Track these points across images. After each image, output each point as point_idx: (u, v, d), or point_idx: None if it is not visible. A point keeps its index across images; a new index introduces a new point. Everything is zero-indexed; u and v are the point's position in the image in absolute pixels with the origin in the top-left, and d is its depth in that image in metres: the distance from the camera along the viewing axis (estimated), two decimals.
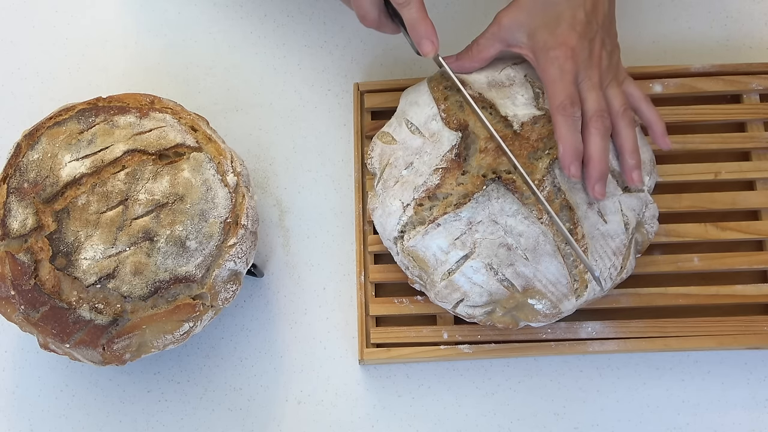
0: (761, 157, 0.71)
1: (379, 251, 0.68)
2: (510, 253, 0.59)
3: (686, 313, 0.67)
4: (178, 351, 0.69)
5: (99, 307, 0.58)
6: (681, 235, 0.68)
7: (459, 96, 0.63)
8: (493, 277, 0.59)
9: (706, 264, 0.68)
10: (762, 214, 0.69)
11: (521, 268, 0.59)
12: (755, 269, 0.68)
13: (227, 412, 0.68)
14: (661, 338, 0.66)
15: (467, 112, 0.63)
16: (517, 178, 0.60)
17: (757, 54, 0.76)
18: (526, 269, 0.59)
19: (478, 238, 0.59)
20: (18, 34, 0.81)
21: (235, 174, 0.63)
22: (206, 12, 0.80)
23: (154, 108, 0.65)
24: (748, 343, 0.65)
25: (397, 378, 0.68)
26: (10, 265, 0.59)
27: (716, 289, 0.67)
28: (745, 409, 0.66)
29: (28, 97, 0.78)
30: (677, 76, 0.72)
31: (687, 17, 0.78)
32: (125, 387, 0.69)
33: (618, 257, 0.61)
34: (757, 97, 0.72)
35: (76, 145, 0.61)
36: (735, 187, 0.70)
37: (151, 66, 0.79)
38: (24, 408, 0.68)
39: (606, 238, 0.61)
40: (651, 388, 0.67)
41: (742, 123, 0.72)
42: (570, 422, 0.67)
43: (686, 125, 0.72)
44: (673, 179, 0.70)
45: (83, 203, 0.59)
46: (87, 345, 0.59)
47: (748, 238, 0.68)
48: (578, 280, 0.61)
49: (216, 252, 0.61)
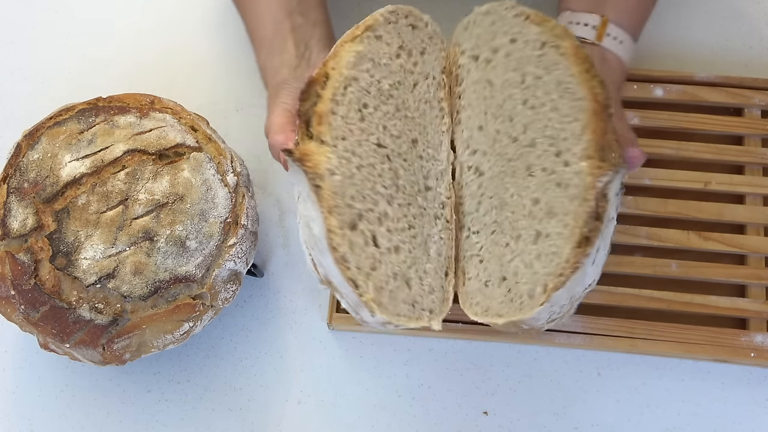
0: (754, 173, 0.71)
1: None
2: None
3: (657, 317, 0.67)
4: (178, 351, 0.69)
5: (99, 307, 0.58)
6: (662, 240, 0.68)
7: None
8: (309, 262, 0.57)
9: (684, 271, 0.68)
10: (748, 228, 0.69)
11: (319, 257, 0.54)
12: (732, 282, 0.68)
13: (227, 412, 0.68)
14: (629, 338, 0.66)
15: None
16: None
17: (756, 54, 0.76)
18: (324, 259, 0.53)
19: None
20: (18, 34, 0.81)
21: (235, 174, 0.64)
22: (206, 12, 0.80)
23: (154, 108, 0.65)
24: (716, 354, 0.65)
25: (398, 378, 0.68)
26: (10, 265, 0.59)
27: (690, 297, 0.67)
28: (745, 409, 0.66)
29: (28, 97, 0.78)
30: (680, 83, 0.72)
31: (687, 17, 0.78)
32: (125, 387, 0.68)
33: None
34: (759, 112, 0.72)
35: (76, 145, 0.61)
36: (724, 199, 0.70)
37: (151, 66, 0.79)
38: (24, 408, 0.68)
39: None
40: (651, 388, 0.67)
41: (740, 137, 0.72)
42: (570, 422, 0.67)
43: (683, 132, 0.72)
44: (661, 184, 0.70)
45: (83, 203, 0.59)
46: (87, 345, 0.59)
47: (730, 251, 0.68)
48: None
49: (216, 252, 0.61)
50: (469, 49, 0.58)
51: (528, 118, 0.54)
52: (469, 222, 0.57)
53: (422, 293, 0.54)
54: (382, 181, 0.54)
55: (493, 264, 0.55)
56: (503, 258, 0.54)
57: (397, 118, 0.56)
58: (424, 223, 0.56)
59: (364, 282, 0.51)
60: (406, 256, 0.54)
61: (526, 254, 0.52)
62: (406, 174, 0.56)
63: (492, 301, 0.54)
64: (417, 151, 0.57)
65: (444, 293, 0.56)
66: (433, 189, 0.57)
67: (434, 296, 0.55)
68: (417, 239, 0.55)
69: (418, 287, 0.54)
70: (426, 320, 0.53)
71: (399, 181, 0.55)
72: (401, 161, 0.56)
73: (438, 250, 0.56)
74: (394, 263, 0.53)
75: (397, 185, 0.55)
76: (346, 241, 0.51)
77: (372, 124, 0.55)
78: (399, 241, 0.54)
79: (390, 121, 0.56)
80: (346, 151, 0.53)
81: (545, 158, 0.53)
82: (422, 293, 0.54)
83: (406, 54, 0.57)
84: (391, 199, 0.54)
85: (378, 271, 0.52)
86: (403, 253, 0.54)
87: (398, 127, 0.56)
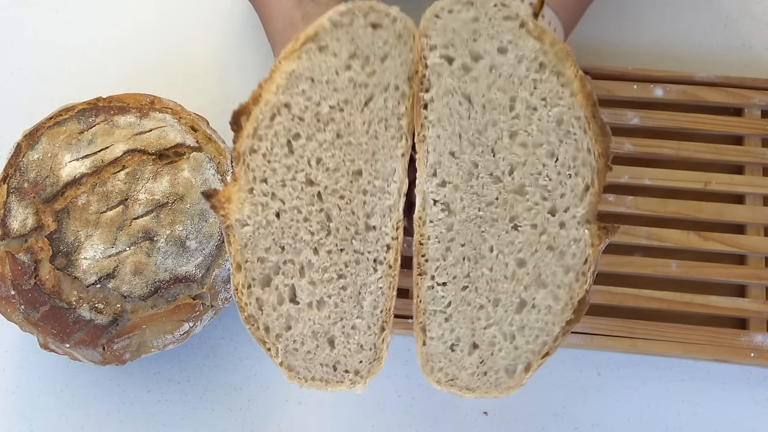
0: (754, 173, 0.70)
1: None
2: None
3: (657, 317, 0.67)
4: (178, 351, 0.69)
5: (99, 307, 0.58)
6: (662, 240, 0.68)
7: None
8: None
9: (684, 271, 0.67)
10: (747, 228, 0.69)
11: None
12: (732, 282, 0.68)
13: (227, 412, 0.68)
14: (629, 338, 0.66)
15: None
16: None
17: (756, 54, 0.76)
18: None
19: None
20: (18, 34, 0.81)
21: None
22: (206, 12, 0.80)
23: (154, 108, 0.65)
24: (715, 354, 0.65)
25: (397, 378, 0.68)
26: (10, 265, 0.59)
27: (690, 297, 0.67)
28: (745, 409, 0.66)
29: (28, 97, 0.78)
30: (680, 83, 0.72)
31: (687, 17, 0.78)
32: (125, 387, 0.68)
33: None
34: (759, 112, 0.72)
35: (76, 145, 0.61)
36: (724, 199, 0.70)
37: (151, 66, 0.79)
38: (24, 408, 0.68)
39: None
40: (651, 388, 0.67)
41: (740, 137, 0.72)
42: (570, 422, 0.67)
43: (683, 132, 0.72)
44: (661, 184, 0.70)
45: (83, 203, 0.59)
46: (87, 345, 0.59)
47: (730, 251, 0.68)
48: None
49: (216, 252, 0.61)
50: (441, 46, 0.47)
51: (516, 157, 0.47)
52: (432, 270, 0.48)
53: (347, 353, 0.48)
54: (308, 226, 0.48)
55: (462, 326, 0.48)
56: (476, 322, 0.48)
57: (336, 147, 0.48)
58: (359, 270, 0.49)
59: (273, 345, 0.47)
60: (330, 311, 0.48)
61: (506, 324, 0.47)
62: (342, 214, 0.48)
63: (460, 370, 0.48)
64: (359, 184, 0.48)
65: (376, 352, 0.49)
66: (377, 229, 0.48)
67: (363, 355, 0.49)
68: (348, 290, 0.48)
69: (343, 346, 0.48)
70: (347, 385, 0.48)
71: (331, 224, 0.48)
72: (336, 199, 0.48)
73: (374, 302, 0.49)
74: (315, 320, 0.48)
75: (327, 229, 0.48)
76: (253, 301, 0.47)
77: (302, 158, 0.47)
78: (324, 294, 0.48)
79: (327, 152, 0.48)
80: (265, 194, 0.47)
81: (536, 213, 0.47)
82: (347, 353, 0.48)
83: (361, 63, 0.47)
84: (319, 246, 0.48)
85: (293, 330, 0.48)
86: (328, 308, 0.48)
87: (337, 158, 0.48)
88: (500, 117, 0.47)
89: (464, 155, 0.48)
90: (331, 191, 0.48)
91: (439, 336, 0.49)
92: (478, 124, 0.47)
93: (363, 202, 0.48)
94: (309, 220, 0.48)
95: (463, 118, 0.48)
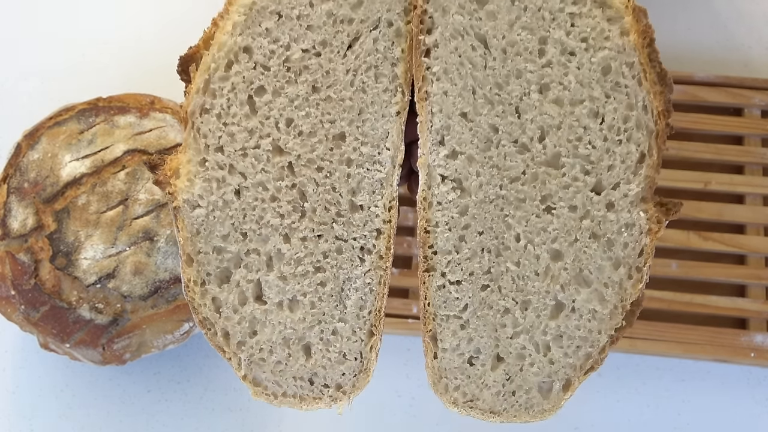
0: (754, 173, 0.71)
1: None
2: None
3: (657, 317, 0.67)
4: (178, 351, 0.69)
5: (99, 307, 0.58)
6: (662, 240, 0.68)
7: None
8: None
9: (684, 271, 0.68)
10: (747, 228, 0.69)
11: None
12: (732, 282, 0.68)
13: (227, 412, 0.68)
14: (629, 338, 0.66)
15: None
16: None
17: (756, 54, 0.76)
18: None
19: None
20: (18, 34, 0.81)
21: None
22: (206, 12, 0.80)
23: (154, 108, 0.65)
24: (715, 354, 0.65)
25: (397, 378, 0.68)
26: (11, 264, 0.59)
27: (690, 297, 0.67)
28: (745, 409, 0.66)
29: (28, 97, 0.78)
30: (680, 83, 0.72)
31: (687, 17, 0.78)
32: (125, 387, 0.68)
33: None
34: (759, 112, 0.72)
35: (76, 145, 0.61)
36: (724, 199, 0.70)
37: (151, 66, 0.79)
38: (24, 408, 0.68)
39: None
40: (651, 388, 0.67)
41: (740, 137, 0.72)
42: (570, 422, 0.66)
43: (683, 132, 0.72)
44: (662, 184, 0.70)
45: (83, 203, 0.59)
46: (87, 345, 0.59)
47: (730, 251, 0.68)
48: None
49: None
50: None
51: (548, 118, 0.36)
52: (443, 265, 0.39)
53: (327, 363, 0.40)
54: (277, 207, 0.38)
55: (483, 335, 0.39)
56: (501, 330, 0.39)
57: (311, 104, 0.37)
58: (342, 262, 0.39)
59: (234, 354, 0.39)
60: (306, 313, 0.39)
61: (539, 332, 0.38)
62: (320, 191, 0.38)
63: (481, 389, 0.40)
64: (342, 152, 0.38)
65: (362, 362, 0.40)
66: (365, 209, 0.39)
67: (346, 367, 0.40)
68: (327, 287, 0.39)
69: (322, 355, 0.40)
70: (326, 402, 0.40)
71: (306, 204, 0.38)
72: (312, 172, 0.38)
73: (360, 301, 0.39)
74: (287, 324, 0.39)
75: (301, 210, 0.38)
76: (208, 301, 0.38)
77: (268, 119, 0.37)
78: (298, 291, 0.39)
79: (299, 110, 0.37)
80: (221, 167, 0.37)
81: (575, 192, 0.37)
82: (327, 363, 0.40)
83: None
84: (291, 232, 0.38)
85: (260, 336, 0.39)
86: (302, 309, 0.39)
87: (313, 118, 0.38)
88: (526, 65, 0.37)
89: (480, 117, 0.37)
90: (306, 161, 0.38)
91: (454, 347, 0.40)
92: (497, 76, 0.37)
93: (347, 175, 0.38)
94: (277, 199, 0.38)
95: (477, 68, 0.37)
